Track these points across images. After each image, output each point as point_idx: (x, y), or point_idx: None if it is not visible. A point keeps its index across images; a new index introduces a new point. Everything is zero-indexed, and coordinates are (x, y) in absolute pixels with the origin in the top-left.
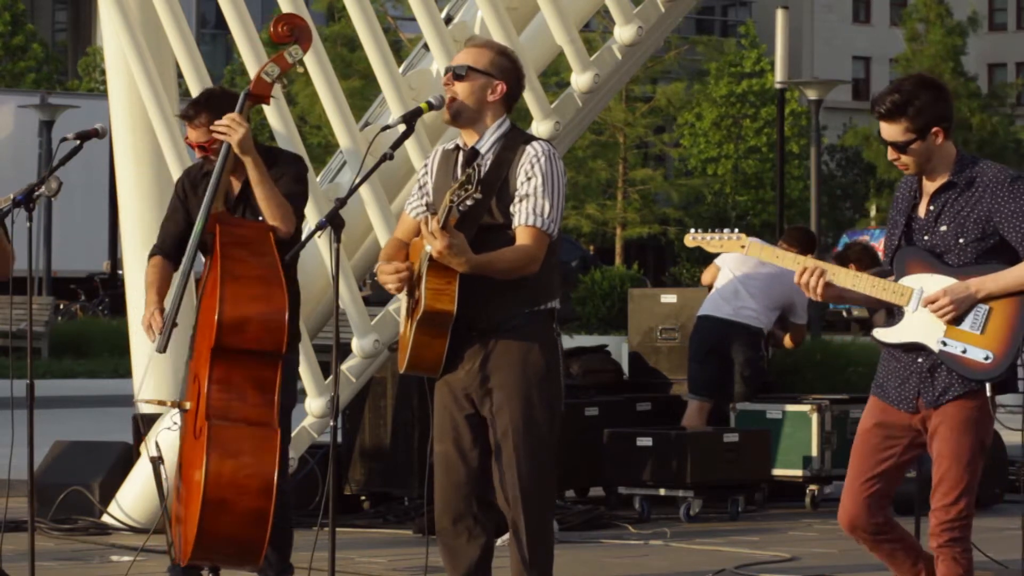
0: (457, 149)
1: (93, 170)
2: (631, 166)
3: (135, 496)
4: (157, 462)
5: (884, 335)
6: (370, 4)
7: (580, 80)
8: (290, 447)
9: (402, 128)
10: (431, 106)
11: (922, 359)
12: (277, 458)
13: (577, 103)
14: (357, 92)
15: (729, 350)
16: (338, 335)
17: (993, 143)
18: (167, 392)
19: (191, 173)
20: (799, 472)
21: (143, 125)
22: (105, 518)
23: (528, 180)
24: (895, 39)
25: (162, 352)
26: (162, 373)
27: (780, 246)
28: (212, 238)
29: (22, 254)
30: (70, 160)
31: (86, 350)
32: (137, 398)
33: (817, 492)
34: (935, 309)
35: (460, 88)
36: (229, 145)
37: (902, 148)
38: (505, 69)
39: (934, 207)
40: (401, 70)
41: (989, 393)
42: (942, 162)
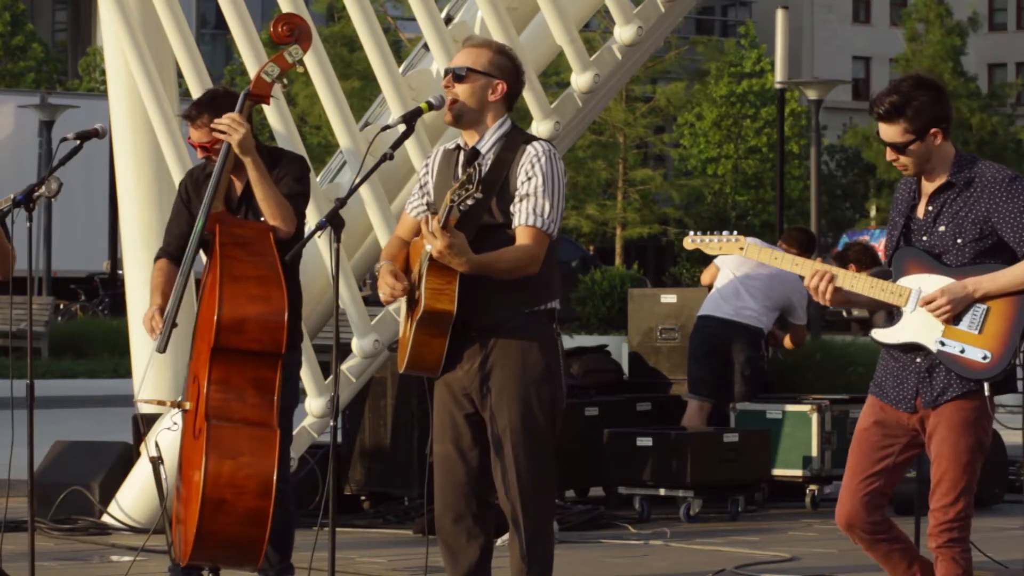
0: (458, 149)
1: (93, 170)
2: (631, 166)
3: (135, 496)
4: (157, 462)
5: (882, 335)
6: (370, 4)
7: (580, 80)
8: (291, 447)
9: (402, 128)
10: (431, 106)
11: (920, 359)
12: (276, 458)
13: (577, 103)
14: (357, 92)
15: (729, 350)
16: (338, 335)
17: (993, 143)
18: (167, 392)
19: (194, 174)
20: (799, 472)
21: (143, 125)
22: (105, 518)
23: (528, 180)
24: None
25: (162, 352)
26: (162, 373)
27: (779, 246)
28: (212, 237)
29: (22, 254)
30: (70, 160)
31: (86, 350)
32: (137, 398)
33: (817, 492)
34: (932, 309)
35: (461, 90)
36: (229, 145)
37: (901, 149)
38: (504, 68)
39: (933, 207)
40: (401, 70)
41: (987, 393)
42: (941, 163)
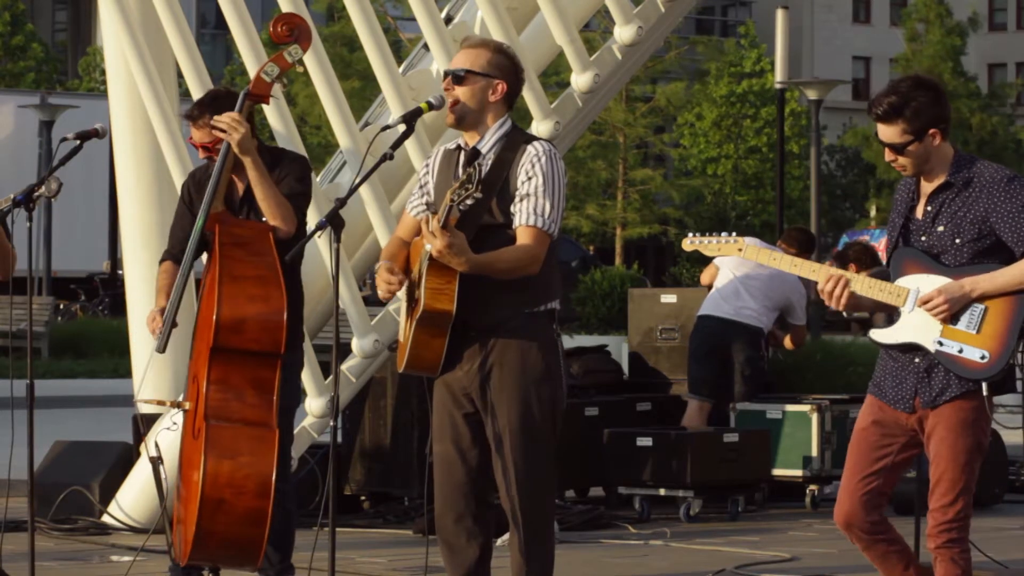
0: (459, 149)
1: (93, 170)
2: (631, 166)
3: (135, 496)
4: (157, 462)
5: (881, 336)
6: (370, 4)
7: (580, 80)
8: (291, 447)
9: (402, 128)
10: (431, 106)
11: (919, 359)
12: (275, 458)
13: (577, 103)
14: (357, 92)
15: (730, 350)
16: (338, 335)
17: (993, 143)
18: (167, 392)
19: (196, 176)
20: (799, 472)
21: (143, 125)
22: (105, 518)
23: (529, 180)
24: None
25: (161, 352)
26: (162, 373)
27: (779, 247)
28: (212, 237)
29: (22, 254)
30: (70, 160)
31: (86, 350)
32: (137, 398)
33: (817, 492)
34: (930, 308)
35: (461, 92)
36: (229, 145)
37: (899, 149)
38: (504, 67)
39: (931, 207)
40: (401, 70)
41: (986, 393)
42: (940, 163)
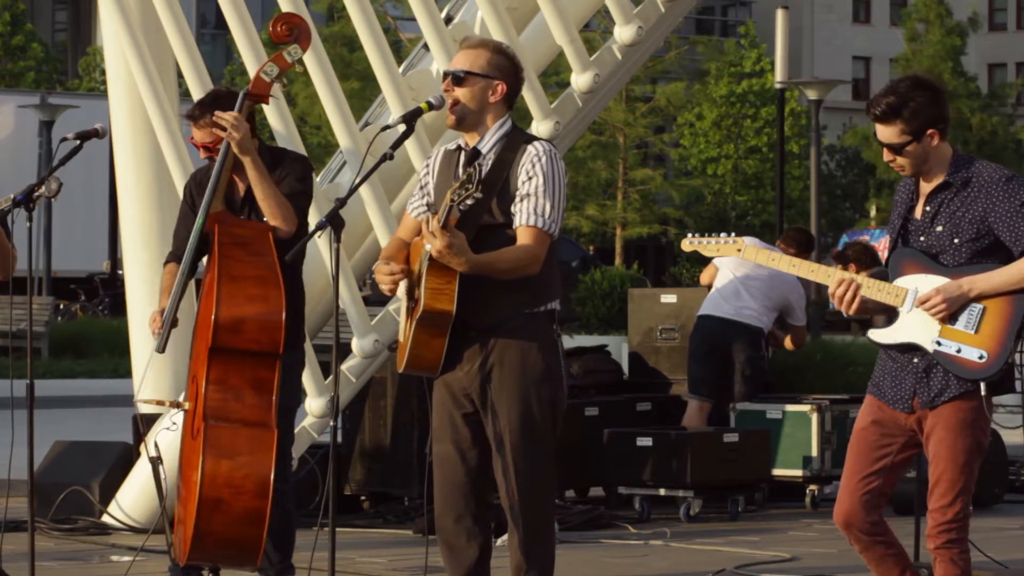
0: (459, 149)
1: (93, 170)
2: (631, 166)
3: (135, 496)
4: (156, 462)
5: (879, 336)
6: (370, 4)
7: (580, 80)
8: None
9: (402, 128)
10: (431, 106)
11: (918, 359)
12: (274, 458)
13: (577, 103)
14: (357, 93)
15: (730, 350)
16: (338, 335)
17: (993, 143)
18: (167, 392)
19: (197, 177)
20: (799, 472)
21: (143, 125)
22: (105, 518)
23: (529, 180)
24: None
25: (161, 352)
26: (162, 373)
27: (778, 247)
28: (211, 236)
29: (22, 254)
30: (70, 160)
31: (86, 350)
32: (137, 398)
33: (817, 492)
34: (928, 308)
35: (461, 93)
36: (229, 144)
37: (898, 150)
38: (503, 68)
39: (930, 208)
40: (401, 70)
41: (984, 393)
42: (938, 163)
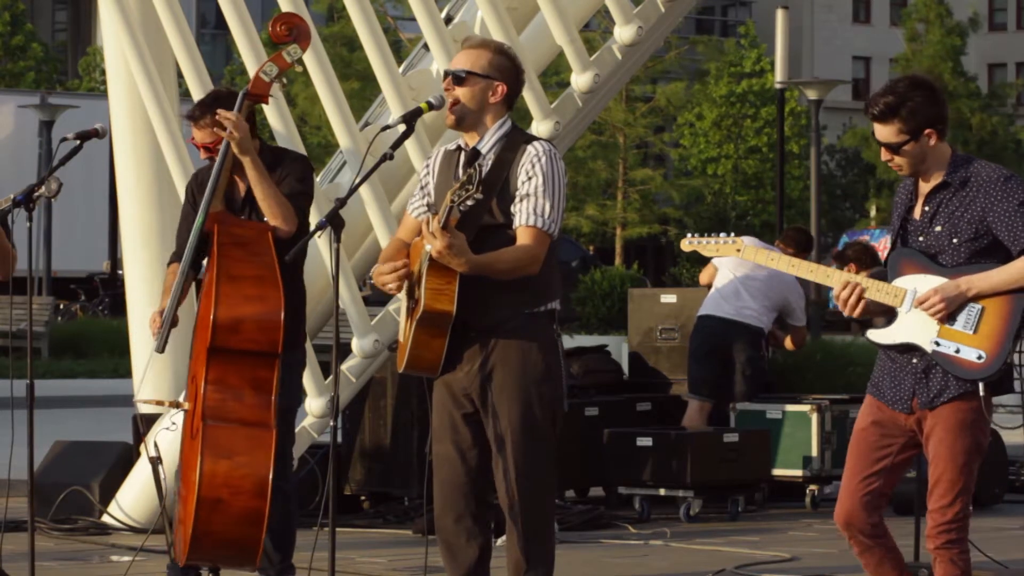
0: (459, 149)
1: (93, 170)
2: (631, 166)
3: (135, 496)
4: (156, 462)
5: (878, 336)
6: (370, 4)
7: (580, 80)
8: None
9: (402, 128)
10: (431, 106)
11: (917, 360)
12: (272, 458)
13: (577, 103)
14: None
15: (730, 350)
16: (338, 335)
17: (993, 143)
18: (167, 392)
19: (199, 177)
20: (799, 472)
21: (143, 125)
22: (105, 518)
23: (529, 180)
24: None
25: (160, 352)
26: (162, 373)
27: (777, 246)
28: (211, 236)
29: (22, 254)
30: (70, 160)
31: (86, 350)
32: (137, 398)
33: (817, 492)
34: (926, 308)
35: (461, 92)
36: (229, 144)
37: (895, 149)
38: (504, 68)
39: (929, 208)
40: (401, 70)
41: (982, 393)
42: (936, 163)
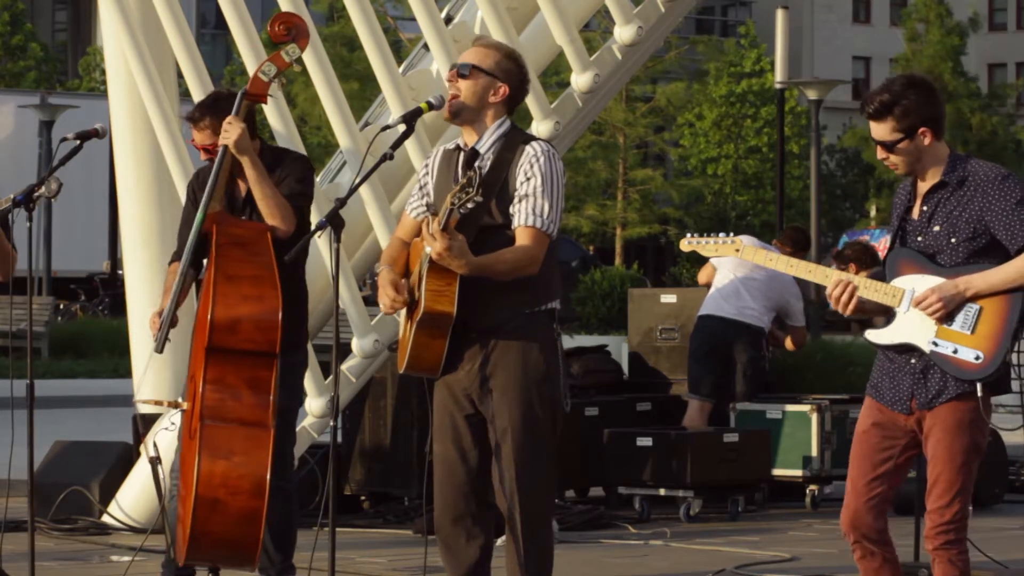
0: (458, 149)
1: (93, 170)
2: (631, 166)
3: (135, 496)
4: (155, 462)
5: (876, 336)
6: (370, 4)
7: (580, 80)
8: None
9: (402, 128)
10: (431, 106)
11: (915, 360)
12: (270, 458)
13: (577, 103)
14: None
15: (731, 349)
16: (338, 335)
17: (993, 143)
18: (166, 392)
19: (200, 176)
20: (799, 472)
21: (143, 125)
22: (105, 518)
23: (527, 180)
24: (895, 39)
25: (159, 352)
26: (161, 373)
27: (774, 245)
28: (210, 237)
29: (22, 254)
30: (70, 160)
31: (86, 350)
32: (136, 398)
33: (817, 492)
34: (924, 308)
35: (463, 86)
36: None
37: (890, 147)
38: (510, 72)
39: (927, 207)
40: (401, 70)
41: (980, 393)
42: (933, 162)
